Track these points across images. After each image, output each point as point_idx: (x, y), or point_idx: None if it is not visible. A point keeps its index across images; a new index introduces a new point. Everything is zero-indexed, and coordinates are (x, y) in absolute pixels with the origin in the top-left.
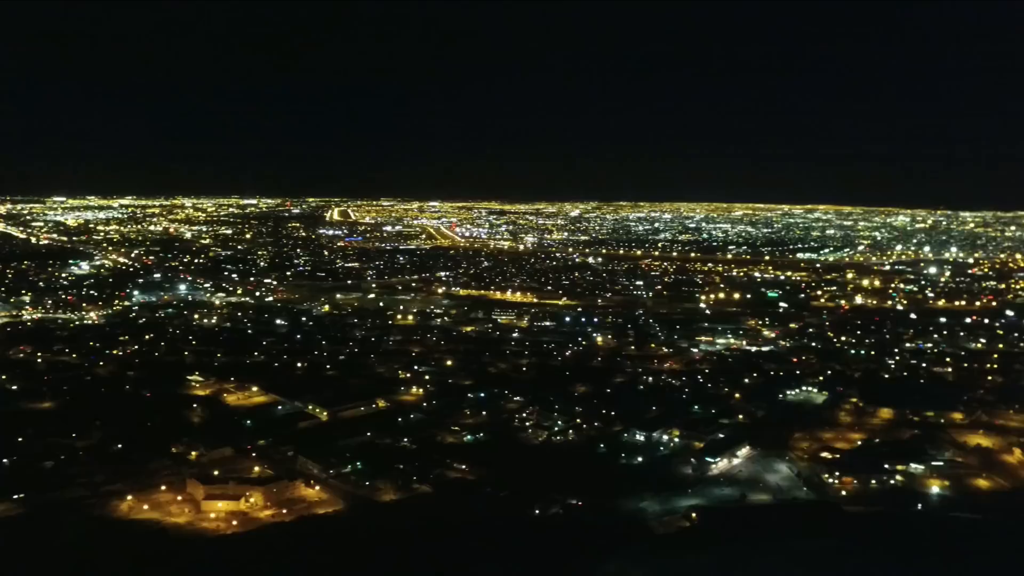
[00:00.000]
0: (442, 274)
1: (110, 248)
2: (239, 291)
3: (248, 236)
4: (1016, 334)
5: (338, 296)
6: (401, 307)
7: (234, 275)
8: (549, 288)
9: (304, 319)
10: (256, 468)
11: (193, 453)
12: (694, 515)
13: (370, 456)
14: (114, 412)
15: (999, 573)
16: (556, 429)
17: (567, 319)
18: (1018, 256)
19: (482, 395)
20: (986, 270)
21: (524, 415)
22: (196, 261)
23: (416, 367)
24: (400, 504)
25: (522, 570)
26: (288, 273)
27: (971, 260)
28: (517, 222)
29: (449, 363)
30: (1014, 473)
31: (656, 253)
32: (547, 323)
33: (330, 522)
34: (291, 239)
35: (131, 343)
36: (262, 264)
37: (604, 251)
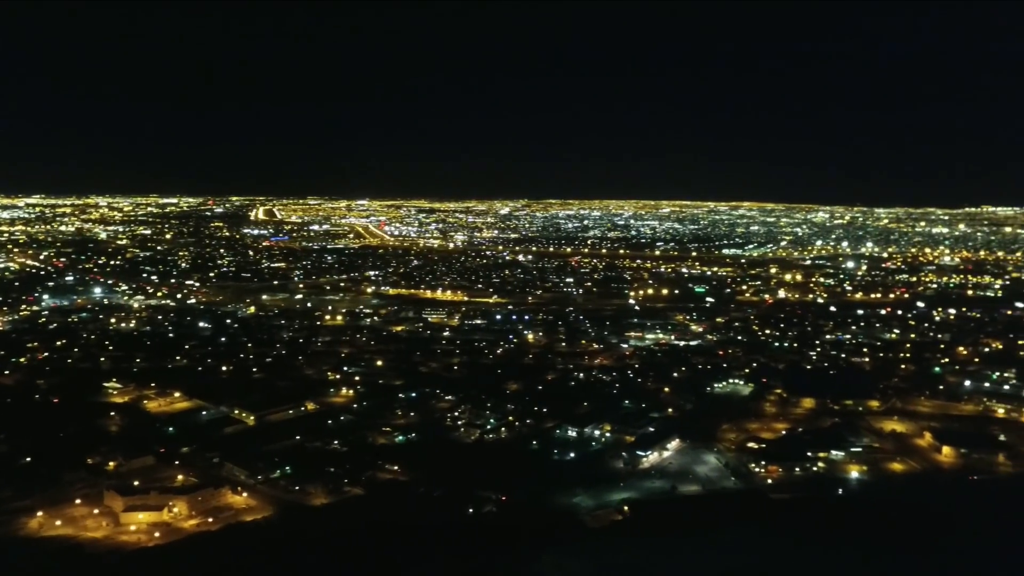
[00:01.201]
0: (371, 273)
1: (16, 250)
2: (159, 293)
3: (168, 236)
4: (926, 324)
5: (264, 297)
6: (329, 307)
7: (154, 277)
8: (480, 286)
9: (229, 321)
10: (180, 476)
11: (111, 463)
12: (626, 508)
13: (299, 460)
14: (22, 423)
15: (916, 552)
16: (488, 427)
17: (498, 317)
18: (928, 250)
19: (413, 395)
20: (899, 264)
21: (456, 414)
22: (112, 263)
23: (345, 368)
24: (331, 507)
25: (458, 568)
26: (211, 274)
27: (885, 254)
28: (447, 220)
29: (379, 363)
30: (925, 456)
31: (586, 250)
32: (478, 321)
33: (259, 529)
34: (214, 239)
35: (40, 350)
36: (184, 265)
37: (534, 249)
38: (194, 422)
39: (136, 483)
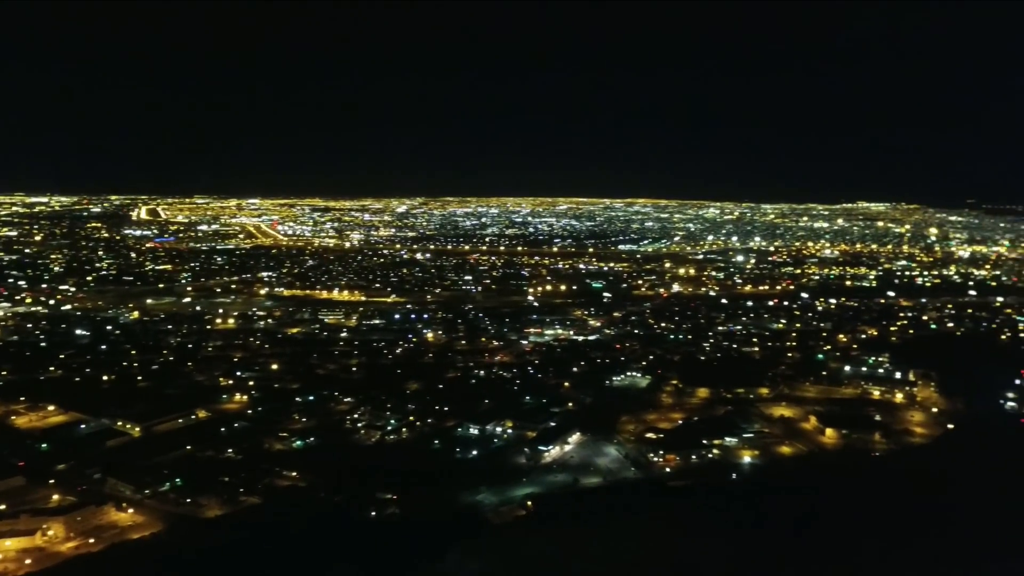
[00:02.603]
0: (264, 274)
1: None
2: (28, 300)
3: (38, 238)
4: (810, 314)
5: (149, 301)
6: (220, 310)
7: (22, 282)
8: (377, 286)
9: (109, 328)
10: (55, 496)
11: None
12: (529, 503)
13: (191, 471)
14: None
15: (807, 528)
16: (389, 428)
17: (396, 316)
18: (810, 244)
19: (311, 398)
20: (784, 257)
21: (355, 416)
22: None
23: (239, 373)
24: (226, 519)
25: (362, 573)
26: (89, 278)
27: (772, 248)
28: (342, 219)
29: (274, 367)
30: (811, 438)
31: (484, 248)
32: (376, 321)
33: (147, 546)
34: (91, 241)
35: None
36: (57, 269)
37: (432, 247)
38: (71, 437)
39: (3, 507)
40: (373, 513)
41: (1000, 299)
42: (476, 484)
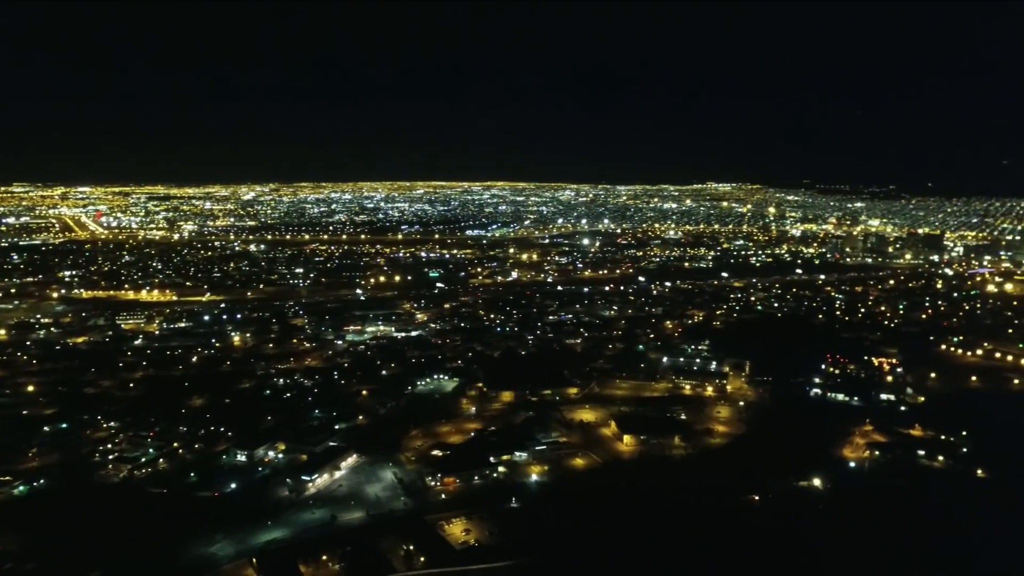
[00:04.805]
0: (66, 274)
1: None
2: None
3: None
4: (644, 299)
5: None
6: None
7: None
8: (195, 283)
9: None
10: None
11: None
12: (255, 561)
13: None
14: None
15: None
16: (144, 460)
17: (206, 318)
18: (656, 225)
19: (63, 426)
20: (630, 239)
21: (110, 446)
22: None
23: None
24: None
25: None
26: None
27: (619, 230)
28: (180, 208)
29: (30, 388)
30: (608, 447)
31: (325, 237)
32: (182, 324)
33: None
34: None
35: None
36: None
37: (269, 237)
38: None
39: None
40: None
41: (822, 277)
42: (216, 530)
